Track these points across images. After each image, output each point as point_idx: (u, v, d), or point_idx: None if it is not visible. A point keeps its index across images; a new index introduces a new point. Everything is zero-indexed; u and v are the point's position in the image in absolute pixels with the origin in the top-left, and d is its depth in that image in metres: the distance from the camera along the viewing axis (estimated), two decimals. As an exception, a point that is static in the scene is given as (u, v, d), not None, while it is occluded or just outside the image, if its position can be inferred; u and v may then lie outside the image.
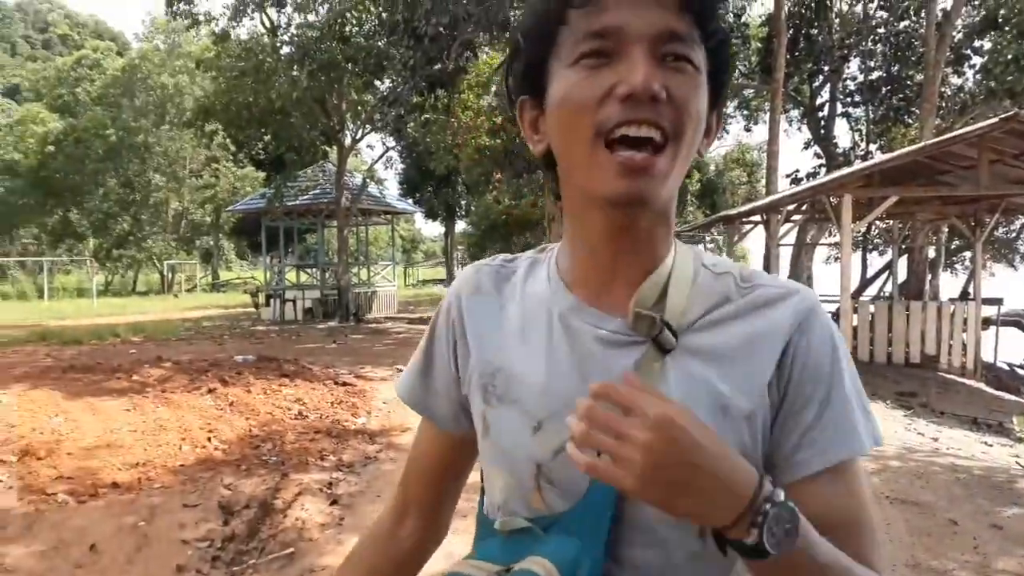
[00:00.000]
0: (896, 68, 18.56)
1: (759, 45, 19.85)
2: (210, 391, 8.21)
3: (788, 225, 14.49)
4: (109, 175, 34.31)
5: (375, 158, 25.90)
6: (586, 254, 0.77)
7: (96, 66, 39.86)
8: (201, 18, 18.36)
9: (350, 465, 5.60)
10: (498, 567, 0.72)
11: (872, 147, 19.69)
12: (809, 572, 0.66)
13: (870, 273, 20.29)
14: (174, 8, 17.88)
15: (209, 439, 6.25)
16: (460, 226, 45.28)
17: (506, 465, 0.77)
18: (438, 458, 0.92)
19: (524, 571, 0.68)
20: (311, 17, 18.12)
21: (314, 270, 23.78)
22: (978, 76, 16.66)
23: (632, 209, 0.71)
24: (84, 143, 32.97)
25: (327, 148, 23.07)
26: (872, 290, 19.16)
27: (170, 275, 37.63)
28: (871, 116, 19.62)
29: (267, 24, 18.50)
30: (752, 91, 21.70)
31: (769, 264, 13.46)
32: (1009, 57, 13.79)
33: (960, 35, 16.37)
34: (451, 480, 0.95)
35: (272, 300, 21.10)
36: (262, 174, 33.58)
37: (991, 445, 6.98)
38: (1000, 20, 14.76)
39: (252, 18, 18.10)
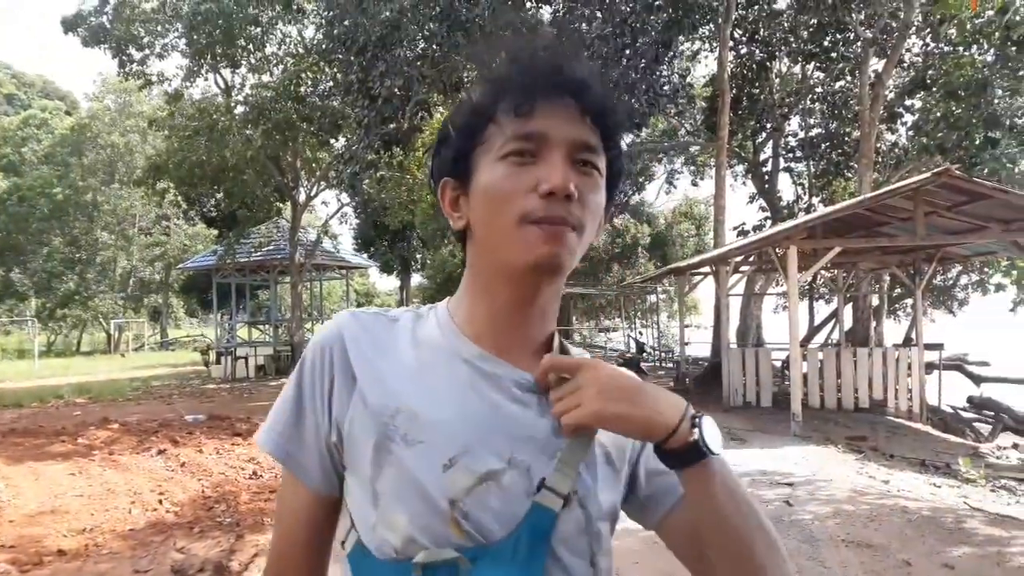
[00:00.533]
0: (834, 126, 19.39)
1: (704, 104, 20.60)
2: (160, 452, 8.01)
3: (737, 276, 14.87)
4: (54, 234, 33.57)
5: (330, 214, 25.91)
6: (488, 316, 0.86)
7: (43, 125, 39.33)
8: (154, 79, 18.39)
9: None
10: None
11: (815, 200, 20.42)
12: (734, 486, 0.79)
13: (817, 321, 20.79)
14: (126, 69, 17.87)
15: (160, 501, 6.09)
16: (415, 279, 45.29)
17: (413, 503, 0.77)
18: (314, 526, 0.87)
19: None
20: (266, 77, 18.31)
21: (266, 326, 23.44)
22: (911, 133, 17.52)
23: (545, 276, 0.82)
24: (28, 202, 32.28)
25: (280, 204, 23.01)
26: (820, 338, 19.63)
27: (117, 334, 36.62)
28: (812, 170, 20.37)
29: (221, 84, 18.59)
30: (698, 148, 22.41)
31: (719, 313, 13.76)
32: (938, 115, 14.56)
33: (892, 94, 17.25)
34: (325, 550, 0.90)
35: (223, 358, 20.68)
36: (214, 231, 33.18)
37: (939, 486, 7.16)
38: (928, 81, 15.61)
39: (206, 78, 18.19)
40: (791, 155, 20.70)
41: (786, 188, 22.62)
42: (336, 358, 0.84)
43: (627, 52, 13.37)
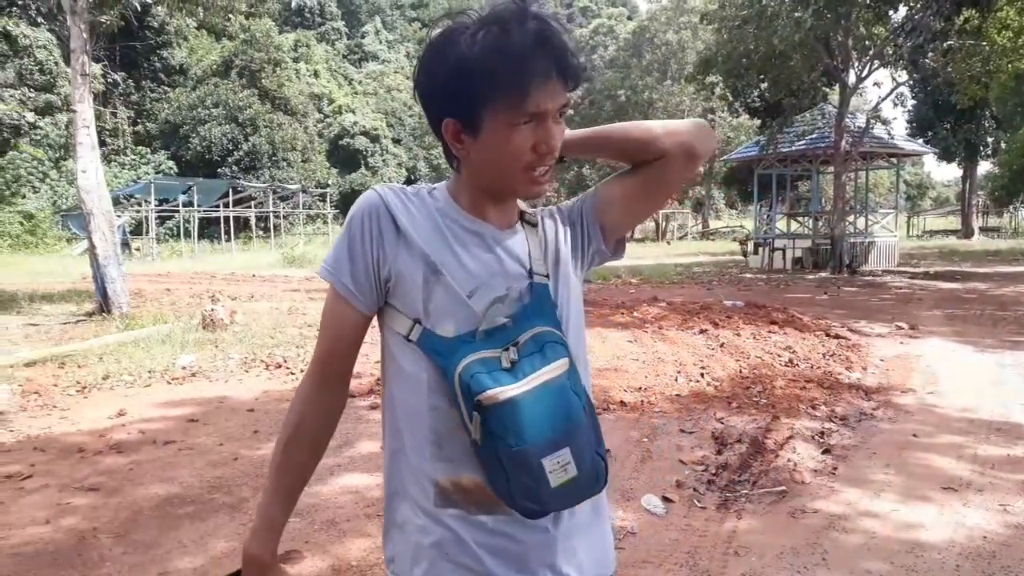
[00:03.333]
0: None
1: None
2: (702, 331, 8.61)
3: None
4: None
5: (882, 96, 23.58)
6: (483, 201, 1.16)
7: (610, 32, 43.88)
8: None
9: (843, 418, 5.34)
10: (500, 348, 1.06)
11: None
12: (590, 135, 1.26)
13: None
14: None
15: (702, 375, 6.59)
16: (982, 168, 38.83)
17: (456, 313, 1.09)
18: (358, 338, 1.16)
19: (539, 333, 1.08)
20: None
21: (806, 218, 22.88)
22: None
23: (528, 199, 1.19)
24: (596, 104, 36.80)
25: (828, 89, 21.78)
26: None
27: (664, 223, 40.14)
28: None
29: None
30: None
31: None
32: None
33: None
34: (358, 351, 1.19)
35: (761, 248, 20.99)
36: (756, 122, 33.33)
37: None
38: None
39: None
40: None
41: None
42: (382, 215, 1.12)
43: None
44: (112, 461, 4.51)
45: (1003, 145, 35.37)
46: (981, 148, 35.08)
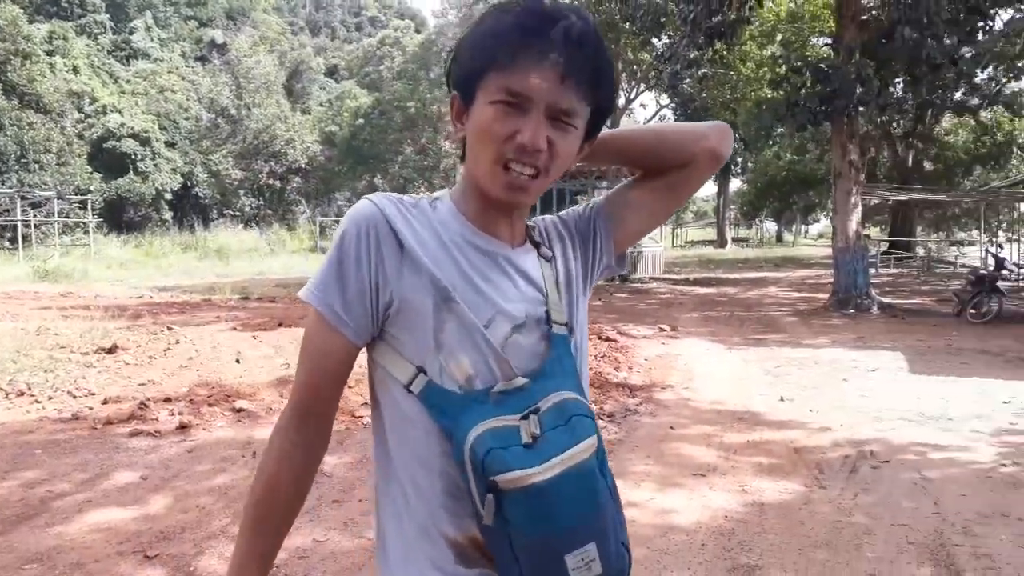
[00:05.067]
0: None
1: None
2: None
3: None
4: (406, 144, 37.89)
5: (648, 117, 25.65)
6: (481, 209, 1.03)
7: (396, 43, 43.93)
8: (488, -11, 19.29)
9: (611, 415, 5.68)
10: (518, 415, 0.92)
11: None
12: (619, 136, 1.17)
13: None
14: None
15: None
16: (734, 184, 43.50)
17: (472, 346, 0.96)
18: (344, 373, 1.02)
19: (563, 401, 0.95)
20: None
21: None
22: None
23: (507, 206, 1.02)
24: (387, 115, 36.70)
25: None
26: None
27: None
28: None
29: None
30: None
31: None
32: None
33: None
34: (342, 392, 1.06)
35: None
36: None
37: None
38: None
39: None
40: None
41: None
42: (381, 230, 0.97)
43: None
44: None
45: (750, 165, 39.92)
46: (732, 167, 39.21)
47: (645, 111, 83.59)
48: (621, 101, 19.91)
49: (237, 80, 38.93)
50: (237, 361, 7.43)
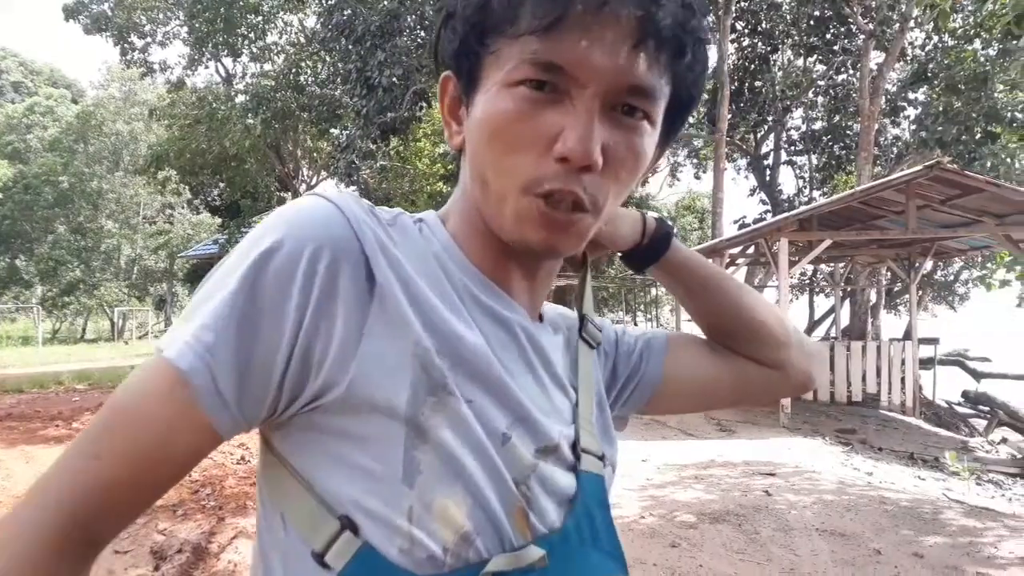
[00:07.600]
0: (836, 119, 19.35)
1: (705, 96, 20.57)
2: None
3: (733, 269, 14.87)
4: (60, 222, 33.78)
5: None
6: (489, 245, 0.66)
7: (48, 112, 39.46)
8: (156, 67, 18.44)
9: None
10: None
11: (816, 193, 20.38)
12: (700, 268, 0.87)
13: (817, 316, 20.77)
14: (128, 57, 17.93)
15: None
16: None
17: (469, 485, 0.56)
18: (181, 475, 0.59)
19: None
20: (266, 67, 18.33)
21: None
22: (913, 127, 17.47)
23: (541, 258, 0.67)
24: (34, 190, 32.48)
25: (282, 194, 23.09)
26: (820, 332, 19.61)
27: (121, 322, 36.85)
28: (814, 163, 20.34)
29: (222, 73, 18.64)
30: (701, 141, 22.39)
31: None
32: (939, 109, 14.51)
33: (895, 88, 17.18)
34: (178, 480, 0.61)
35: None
36: (217, 220, 33.35)
37: (923, 479, 7.19)
38: (929, 75, 15.54)
39: (207, 67, 18.25)
40: (793, 148, 20.66)
41: (788, 181, 22.68)
42: (342, 253, 0.56)
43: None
44: None
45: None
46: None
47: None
48: (303, 187, 19.98)
49: None
50: None
